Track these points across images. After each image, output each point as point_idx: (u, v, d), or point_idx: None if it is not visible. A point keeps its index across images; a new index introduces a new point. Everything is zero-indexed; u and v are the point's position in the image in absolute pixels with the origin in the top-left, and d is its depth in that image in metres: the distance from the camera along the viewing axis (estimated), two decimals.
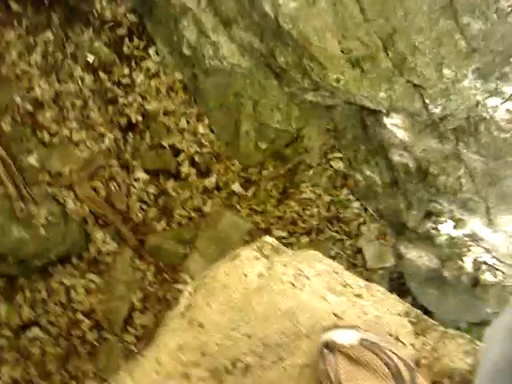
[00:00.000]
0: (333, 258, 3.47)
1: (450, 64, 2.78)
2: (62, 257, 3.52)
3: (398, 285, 3.60)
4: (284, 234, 3.49)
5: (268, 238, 1.33)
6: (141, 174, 3.59)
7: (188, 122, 3.62)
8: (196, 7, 3.32)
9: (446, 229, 3.21)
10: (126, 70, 3.65)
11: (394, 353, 0.96)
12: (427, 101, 2.88)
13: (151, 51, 3.68)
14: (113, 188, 3.55)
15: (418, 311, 1.16)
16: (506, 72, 2.70)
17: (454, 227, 3.19)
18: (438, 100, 2.86)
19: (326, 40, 2.96)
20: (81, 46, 3.61)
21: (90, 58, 3.62)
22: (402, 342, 1.07)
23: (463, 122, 2.90)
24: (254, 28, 3.17)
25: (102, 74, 3.63)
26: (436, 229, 3.23)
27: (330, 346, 0.97)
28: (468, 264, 3.25)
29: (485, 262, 3.24)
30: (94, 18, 3.63)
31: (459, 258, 3.26)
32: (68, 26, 3.62)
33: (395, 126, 3.08)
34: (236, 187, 3.56)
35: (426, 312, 3.48)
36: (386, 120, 3.09)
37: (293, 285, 1.14)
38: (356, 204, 3.50)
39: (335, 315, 1.09)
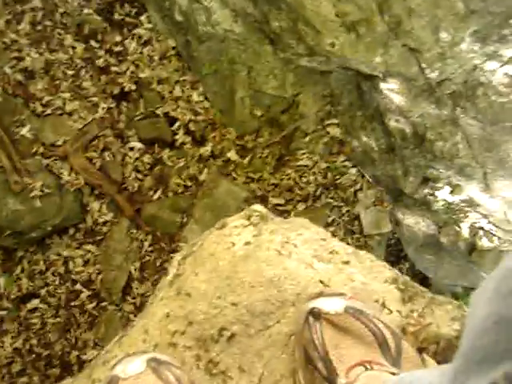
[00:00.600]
0: (329, 224, 3.47)
1: (447, 27, 2.73)
2: (58, 228, 3.53)
3: (396, 251, 3.60)
4: (280, 202, 3.48)
5: (257, 206, 1.31)
6: (135, 144, 3.57)
7: (182, 90, 3.58)
8: None
9: (443, 195, 3.19)
10: (118, 38, 3.59)
11: (379, 320, 0.95)
12: (424, 65, 2.83)
13: (143, 18, 3.61)
14: (108, 158, 3.54)
15: (407, 278, 1.14)
16: (504, 34, 2.65)
17: (451, 193, 3.17)
18: (435, 64, 2.81)
19: (320, 4, 2.90)
20: (70, 14, 3.54)
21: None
22: (389, 309, 1.06)
23: (460, 86, 2.86)
24: None
25: (93, 43, 3.57)
26: (433, 195, 3.21)
27: (315, 314, 0.96)
28: (465, 230, 3.24)
29: (481, 228, 3.23)
30: None
31: (456, 224, 3.25)
32: None
33: (391, 91, 3.03)
34: (232, 155, 3.54)
35: (424, 278, 3.50)
36: (382, 85, 3.04)
37: (279, 252, 1.12)
38: (353, 170, 3.48)
39: (322, 282, 1.08)
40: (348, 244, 1.21)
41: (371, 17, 2.89)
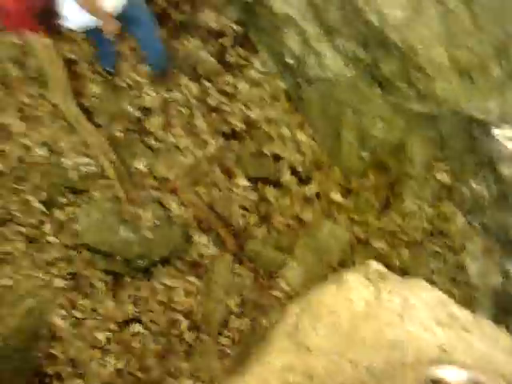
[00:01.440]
0: (433, 272, 3.36)
1: None
2: (164, 258, 3.66)
3: (505, 303, 3.42)
4: (384, 246, 3.42)
5: (374, 264, 1.32)
6: (242, 181, 3.66)
7: (290, 130, 3.64)
8: (299, 17, 3.34)
9: None
10: (230, 79, 3.73)
11: None
12: None
13: (254, 60, 3.74)
14: (215, 194, 3.65)
15: None
16: None
17: None
18: None
19: (433, 49, 2.88)
20: (187, 56, 3.73)
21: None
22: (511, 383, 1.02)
23: None
24: (358, 37, 3.14)
25: (206, 83, 3.73)
26: None
27: (438, 383, 0.95)
28: None
29: None
30: (200, 28, 3.74)
31: None
32: (175, 37, 3.76)
33: (506, 137, 2.93)
34: (336, 196, 3.54)
35: None
36: (495, 131, 2.96)
37: (399, 314, 1.12)
38: (460, 218, 3.37)
39: (442, 348, 1.06)
40: (466, 310, 1.18)
41: (486, 62, 2.83)
